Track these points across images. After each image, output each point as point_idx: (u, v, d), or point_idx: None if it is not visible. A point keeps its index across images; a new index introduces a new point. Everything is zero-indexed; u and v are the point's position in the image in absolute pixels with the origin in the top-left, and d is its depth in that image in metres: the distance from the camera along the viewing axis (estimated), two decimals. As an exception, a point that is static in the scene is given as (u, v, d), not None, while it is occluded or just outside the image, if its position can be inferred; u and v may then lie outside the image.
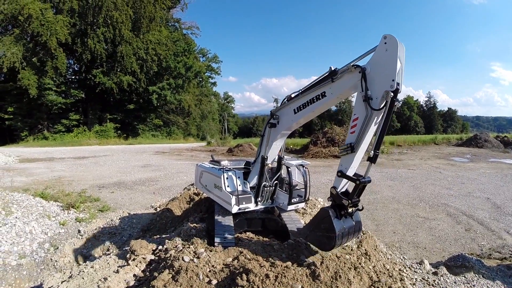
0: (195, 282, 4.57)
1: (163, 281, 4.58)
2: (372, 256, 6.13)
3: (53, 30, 42.35)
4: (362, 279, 4.65)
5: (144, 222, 9.68)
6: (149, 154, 32.47)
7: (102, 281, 5.04)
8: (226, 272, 4.79)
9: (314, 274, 4.51)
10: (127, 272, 5.37)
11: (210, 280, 4.64)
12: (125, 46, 49.64)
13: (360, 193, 4.96)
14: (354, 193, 4.88)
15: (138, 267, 5.62)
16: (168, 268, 4.93)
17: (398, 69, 4.38)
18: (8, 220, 8.37)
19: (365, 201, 13.45)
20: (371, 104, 4.56)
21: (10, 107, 46.47)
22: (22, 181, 16.08)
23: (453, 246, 9.02)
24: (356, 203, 4.98)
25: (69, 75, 53.94)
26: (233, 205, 6.29)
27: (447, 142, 43.18)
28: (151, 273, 5.20)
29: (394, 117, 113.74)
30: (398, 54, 4.33)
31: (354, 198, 4.90)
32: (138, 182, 17.24)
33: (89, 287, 4.89)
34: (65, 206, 10.88)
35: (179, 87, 60.54)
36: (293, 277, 4.46)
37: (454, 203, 13.29)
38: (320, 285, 4.36)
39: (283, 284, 4.33)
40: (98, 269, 5.51)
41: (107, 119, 55.07)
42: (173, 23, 67.07)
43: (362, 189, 4.93)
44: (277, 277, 4.43)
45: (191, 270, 4.73)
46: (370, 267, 5.34)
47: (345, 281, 4.44)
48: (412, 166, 23.90)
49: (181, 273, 4.66)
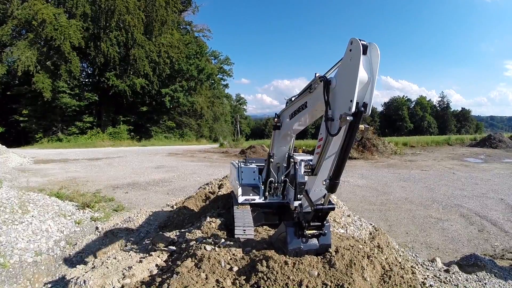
0: (217, 269, 4.70)
1: (186, 268, 4.70)
2: (384, 249, 6.19)
3: (67, 34, 42.98)
4: (375, 268, 4.73)
5: (161, 219, 9.78)
6: (162, 156, 32.71)
7: (127, 269, 5.16)
8: (247, 259, 4.93)
9: (330, 262, 4.63)
10: (150, 262, 5.50)
11: (231, 267, 4.78)
12: (138, 49, 50.09)
13: (322, 219, 4.76)
14: (311, 218, 4.71)
15: (160, 257, 5.76)
16: (191, 257, 5.06)
17: (364, 84, 3.67)
18: (24, 218, 8.53)
19: (377, 202, 13.48)
20: (331, 126, 4.02)
21: (25, 109, 47.20)
22: (37, 182, 16.36)
23: (466, 247, 9.00)
24: (318, 227, 4.82)
25: (82, 78, 54.67)
26: (239, 196, 6.68)
27: (461, 142, 42.82)
28: (174, 262, 5.32)
29: (407, 118, 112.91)
30: (361, 65, 3.56)
31: (314, 222, 4.74)
32: (151, 183, 17.42)
33: (114, 275, 5.01)
34: (80, 206, 11.05)
35: (191, 89, 60.91)
36: (309, 264, 4.59)
37: (468, 204, 13.24)
38: (335, 272, 4.47)
39: (300, 270, 4.46)
40: (121, 260, 5.66)
41: (121, 121, 55.62)
42: (184, 26, 67.48)
43: (323, 215, 4.71)
44: (295, 264, 4.56)
45: (213, 258, 4.88)
46: (382, 258, 5.41)
47: (359, 269, 4.54)
48: (425, 167, 23.80)
49: (204, 261, 4.81)
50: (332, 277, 4.41)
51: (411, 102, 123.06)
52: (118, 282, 4.96)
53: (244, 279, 4.54)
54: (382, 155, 30.64)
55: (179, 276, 4.45)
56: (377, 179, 18.89)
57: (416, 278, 5.04)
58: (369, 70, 3.65)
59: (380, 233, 7.38)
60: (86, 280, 4.88)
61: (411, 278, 4.73)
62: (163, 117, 61.36)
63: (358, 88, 3.58)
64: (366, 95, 3.71)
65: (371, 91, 3.71)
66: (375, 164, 25.71)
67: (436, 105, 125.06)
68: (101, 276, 5.03)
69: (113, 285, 4.91)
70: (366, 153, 30.40)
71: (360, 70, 3.55)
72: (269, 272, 4.42)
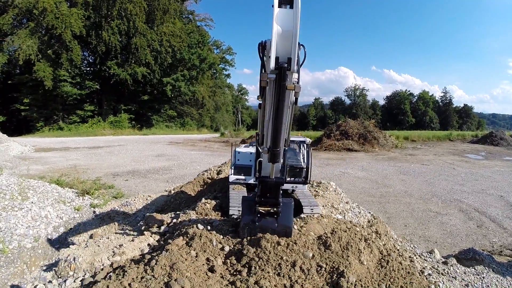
0: (208, 248, 4.69)
1: (177, 246, 4.70)
2: (382, 236, 6.18)
3: (68, 23, 42.73)
4: (372, 252, 4.72)
5: (158, 204, 9.85)
6: (163, 144, 32.80)
7: (118, 247, 5.19)
8: (238, 239, 4.91)
9: (326, 244, 4.62)
10: (142, 241, 5.52)
11: (223, 247, 4.78)
12: (139, 38, 49.90)
13: (275, 194, 4.64)
14: (260, 191, 4.63)
15: (153, 237, 5.78)
16: (182, 235, 5.06)
17: (283, 37, 3.50)
18: (24, 205, 8.54)
19: (377, 194, 13.52)
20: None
21: (26, 98, 47.07)
22: (38, 169, 16.39)
23: (464, 242, 9.02)
24: (273, 204, 4.69)
25: (84, 67, 54.52)
26: (230, 174, 6.88)
27: (462, 139, 42.83)
28: (165, 241, 5.33)
29: (409, 112, 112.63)
30: (275, 17, 3.47)
31: (266, 197, 4.65)
32: (152, 171, 17.47)
33: (104, 253, 5.04)
34: (80, 193, 11.07)
35: (193, 78, 60.70)
36: (304, 245, 4.57)
37: (467, 199, 13.27)
38: (331, 254, 4.45)
39: (294, 251, 4.44)
40: (113, 239, 5.69)
41: (122, 110, 55.54)
42: (187, 15, 67.07)
43: (273, 190, 4.61)
44: (289, 245, 4.54)
45: (205, 236, 4.87)
46: (380, 243, 5.39)
47: (356, 251, 4.53)
48: (426, 161, 23.85)
49: (195, 239, 4.80)
50: (328, 259, 4.39)
51: (413, 96, 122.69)
52: (107, 259, 5.03)
53: (236, 258, 4.53)
54: (383, 148, 30.66)
55: (168, 253, 4.44)
56: (377, 172, 18.95)
57: (414, 266, 5.03)
58: (290, 22, 3.48)
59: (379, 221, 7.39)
60: (76, 257, 4.96)
61: (410, 265, 4.73)
62: (164, 106, 61.36)
63: (274, 42, 3.45)
64: (290, 50, 3.50)
65: (294, 45, 3.49)
66: (376, 157, 25.70)
67: (439, 100, 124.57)
68: (91, 253, 5.09)
69: (103, 262, 4.98)
70: (367, 145, 30.44)
71: (273, 23, 3.43)
72: (261, 252, 4.40)
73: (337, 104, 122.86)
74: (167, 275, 4.02)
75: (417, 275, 4.50)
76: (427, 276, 5.22)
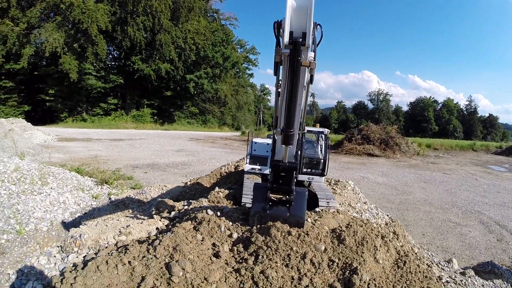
0: (216, 233, 4.59)
1: (184, 229, 4.61)
2: (400, 237, 5.99)
3: (94, 18, 43.32)
4: (389, 251, 4.49)
5: (173, 194, 9.88)
6: (184, 140, 32.99)
7: (125, 228, 5.19)
8: (248, 227, 4.81)
9: (339, 237, 4.43)
10: (150, 225, 5.51)
11: (231, 234, 4.67)
12: (164, 34, 50.26)
13: (287, 181, 4.49)
14: (272, 177, 4.49)
15: (162, 221, 5.76)
16: (191, 220, 4.99)
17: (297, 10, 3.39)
18: (43, 189, 8.68)
19: (396, 201, 13.30)
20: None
21: (51, 89, 48.10)
22: (59, 158, 16.68)
23: (483, 255, 8.79)
24: (286, 192, 4.53)
25: (108, 61, 55.40)
26: (246, 164, 6.89)
27: (486, 149, 41.87)
28: (174, 226, 5.26)
29: (433, 119, 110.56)
30: None
31: (278, 184, 4.51)
32: (171, 165, 17.59)
33: (111, 231, 5.05)
34: (99, 182, 11.22)
35: (216, 76, 60.84)
36: (316, 237, 4.39)
37: (488, 211, 12.95)
38: (344, 249, 4.26)
39: (305, 242, 4.27)
40: (122, 221, 5.70)
41: (144, 105, 56.16)
42: (211, 13, 67.27)
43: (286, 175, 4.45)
44: (300, 236, 4.36)
45: (214, 222, 4.77)
46: (398, 244, 5.19)
47: (371, 248, 4.32)
48: (448, 170, 23.39)
49: (203, 223, 4.70)
50: (341, 254, 4.22)
51: (437, 103, 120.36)
52: (113, 238, 5.05)
53: (243, 246, 4.40)
54: (404, 155, 30.23)
55: (173, 234, 4.37)
56: (397, 178, 18.67)
57: (432, 272, 4.84)
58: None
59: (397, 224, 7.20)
60: (82, 234, 5.00)
61: (427, 270, 4.52)
62: (186, 102, 61.70)
63: (288, 16, 3.35)
64: (304, 25, 3.38)
65: (309, 19, 3.37)
66: (397, 163, 25.35)
67: (463, 108, 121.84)
68: (97, 232, 5.11)
69: (108, 240, 5.00)
70: (388, 151, 30.09)
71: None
72: (270, 241, 4.26)
73: (360, 108, 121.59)
74: (169, 255, 3.97)
75: (434, 280, 4.31)
76: (445, 283, 5.06)
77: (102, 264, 3.82)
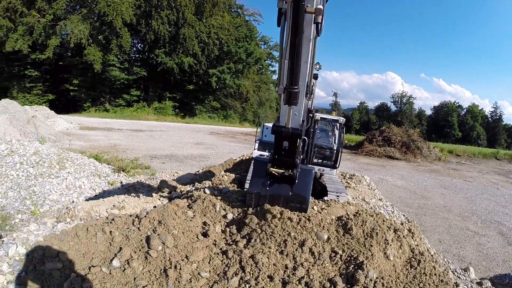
0: (210, 212, 4.34)
1: (176, 205, 4.36)
2: (416, 236, 5.55)
3: (119, 11, 43.90)
4: (402, 247, 4.07)
5: (184, 180, 9.85)
6: (204, 134, 33.04)
7: (119, 202, 5.08)
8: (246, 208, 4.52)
9: (346, 226, 4.03)
10: (148, 202, 5.42)
11: (226, 214, 4.41)
12: (188, 29, 50.49)
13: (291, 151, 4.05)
14: (275, 147, 4.06)
15: (161, 200, 5.62)
16: (187, 198, 4.79)
17: None
18: (60, 173, 8.75)
19: (414, 205, 13.03)
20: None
21: (76, 79, 49.27)
22: (79, 145, 16.87)
23: (501, 267, 8.53)
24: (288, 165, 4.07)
25: (132, 54, 55.97)
26: (254, 149, 6.74)
27: (510, 158, 40.49)
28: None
29: (456, 125, 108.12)
30: None
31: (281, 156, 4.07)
32: (189, 157, 17.62)
33: (104, 205, 4.96)
34: (116, 169, 11.25)
35: (239, 72, 60.73)
36: (319, 224, 4.02)
37: (508, 222, 12.59)
38: (350, 240, 3.87)
39: (306, 229, 3.93)
40: (121, 198, 5.58)
41: (167, 97, 56.70)
42: (236, 9, 67.19)
43: (289, 143, 4.00)
44: (300, 220, 4.02)
45: (209, 200, 4.53)
46: (412, 242, 4.72)
47: (382, 241, 3.90)
48: (469, 177, 22.90)
49: (197, 201, 4.46)
50: (346, 246, 3.82)
51: (462, 109, 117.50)
52: (105, 211, 5.01)
53: (237, 228, 4.14)
54: (425, 159, 29.64)
55: (162, 208, 4.16)
56: (417, 183, 18.30)
57: (449, 276, 4.42)
58: None
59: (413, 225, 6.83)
60: (76, 206, 5.02)
61: (444, 273, 4.12)
62: (208, 97, 61.81)
63: None
64: None
65: None
66: (417, 168, 24.90)
67: (488, 115, 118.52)
68: (91, 205, 5.03)
69: (100, 213, 5.00)
70: (409, 154, 29.53)
71: None
72: (265, 224, 3.95)
73: (382, 110, 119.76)
74: (152, 229, 3.76)
75: (451, 286, 3.93)
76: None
77: (82, 230, 3.68)
